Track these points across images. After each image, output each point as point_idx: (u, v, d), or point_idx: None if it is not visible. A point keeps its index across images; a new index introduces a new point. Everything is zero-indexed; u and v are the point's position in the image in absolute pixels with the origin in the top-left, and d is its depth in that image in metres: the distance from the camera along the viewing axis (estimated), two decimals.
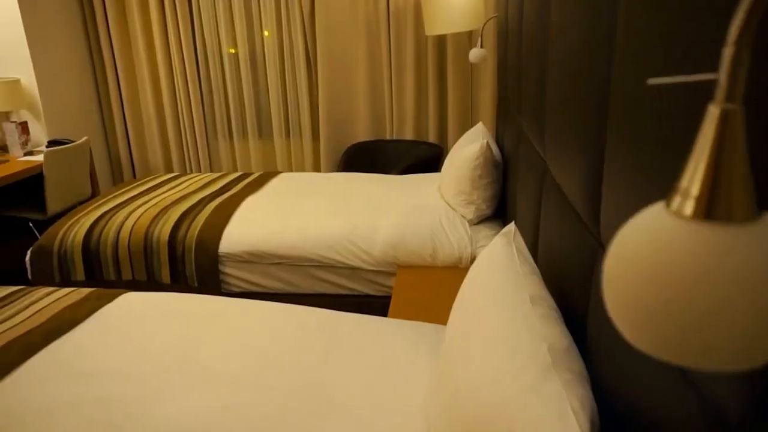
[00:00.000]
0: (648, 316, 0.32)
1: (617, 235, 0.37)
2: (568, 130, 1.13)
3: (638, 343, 0.34)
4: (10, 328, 1.60)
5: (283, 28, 3.77)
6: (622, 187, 0.79)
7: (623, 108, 0.79)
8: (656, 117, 0.67)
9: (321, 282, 2.32)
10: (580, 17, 1.05)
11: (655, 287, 0.32)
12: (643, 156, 0.71)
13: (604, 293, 0.36)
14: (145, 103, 4.08)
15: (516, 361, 0.84)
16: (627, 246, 0.34)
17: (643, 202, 0.71)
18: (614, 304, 0.35)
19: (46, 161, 2.96)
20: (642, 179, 0.71)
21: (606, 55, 0.88)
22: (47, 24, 3.63)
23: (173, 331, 1.58)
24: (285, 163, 4.05)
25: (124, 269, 2.43)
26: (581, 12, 1.04)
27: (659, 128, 0.66)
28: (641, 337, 0.34)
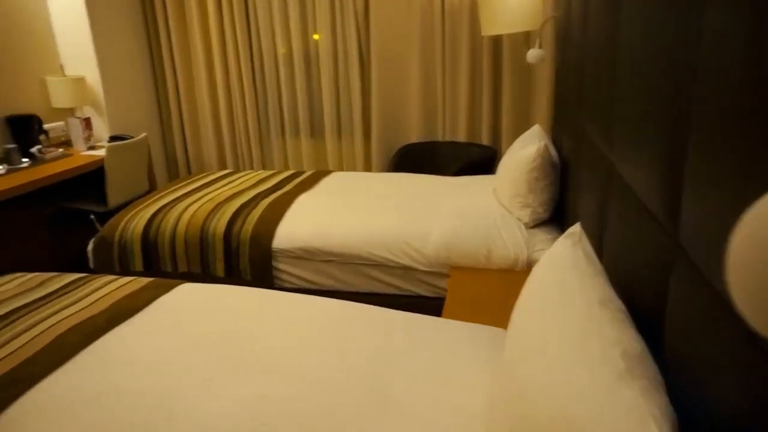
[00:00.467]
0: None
1: (745, 219, 0.33)
2: (643, 129, 1.08)
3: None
4: (74, 314, 1.65)
5: (337, 27, 3.80)
6: (708, 186, 0.74)
7: (710, 106, 0.74)
8: (748, 112, 0.63)
9: (372, 281, 2.31)
10: (660, 16, 1.00)
11: None
12: (734, 153, 0.66)
13: (729, 279, 0.33)
14: (201, 101, 4.18)
15: (587, 365, 0.81)
16: (762, 230, 0.31)
17: (736, 200, 0.67)
18: (743, 289, 0.32)
19: (107, 156, 3.06)
20: (733, 177, 0.67)
21: (690, 55, 0.83)
22: (111, 25, 3.77)
23: (228, 322, 1.60)
24: (336, 162, 4.07)
25: (180, 261, 2.48)
26: (661, 11, 0.99)
27: (752, 125, 0.61)
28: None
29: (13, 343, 1.48)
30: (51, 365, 1.39)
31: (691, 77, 0.83)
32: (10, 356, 1.42)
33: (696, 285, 0.78)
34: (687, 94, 0.85)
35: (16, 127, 3.23)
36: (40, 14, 3.52)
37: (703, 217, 0.76)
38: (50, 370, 1.37)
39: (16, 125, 3.23)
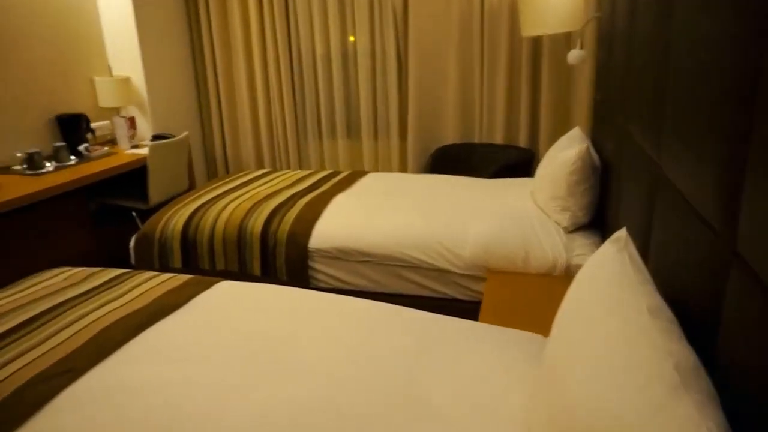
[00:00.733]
0: None
1: None
2: (698, 133, 1.04)
3: None
4: (117, 308, 1.68)
5: (375, 28, 3.80)
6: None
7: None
8: None
9: (407, 283, 2.30)
10: (721, 13, 0.96)
11: None
12: None
13: None
14: (240, 101, 4.24)
15: (638, 377, 0.78)
16: None
17: None
18: None
19: (150, 154, 3.13)
20: None
21: (755, 55, 0.80)
22: (156, 27, 3.86)
23: (265, 322, 1.61)
24: (372, 163, 4.08)
25: (218, 259, 2.52)
26: (721, 7, 0.96)
27: None
28: None
29: (59, 335, 1.52)
30: (95, 358, 1.42)
31: (754, 78, 0.80)
32: (56, 348, 1.46)
33: (755, 295, 0.74)
34: (750, 96, 0.81)
35: (66, 125, 3.34)
36: (91, 18, 3.62)
37: (765, 223, 0.72)
38: (94, 362, 1.41)
39: (66, 124, 3.34)
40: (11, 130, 3.11)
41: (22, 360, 1.41)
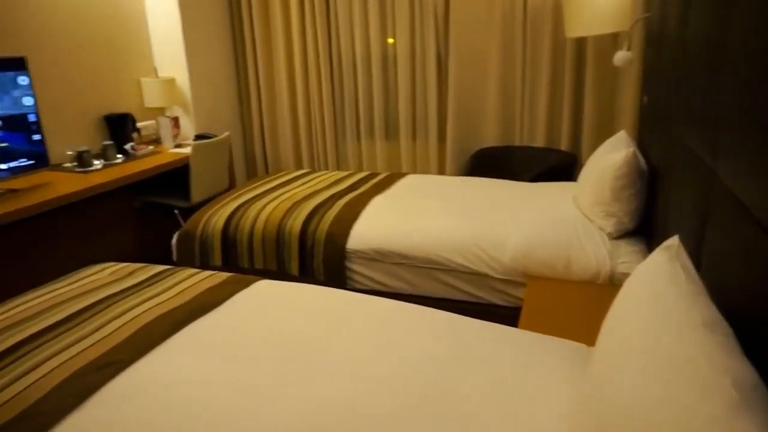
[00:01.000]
0: None
1: None
2: (761, 139, 0.99)
3: None
4: (159, 304, 1.71)
5: (415, 29, 3.79)
6: None
7: None
8: None
9: (445, 286, 2.28)
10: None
11: None
12: None
13: None
14: (280, 102, 4.29)
15: (693, 392, 0.74)
16: None
17: None
18: None
19: (192, 153, 3.19)
20: None
21: None
22: (201, 30, 3.93)
23: (302, 321, 1.62)
24: (410, 164, 4.06)
25: (257, 258, 2.54)
26: None
27: None
28: None
29: (104, 329, 1.56)
30: (137, 352, 1.45)
31: None
32: (100, 342, 1.49)
33: None
34: None
35: (113, 125, 3.44)
36: (139, 22, 3.72)
37: None
38: (137, 357, 1.43)
39: (113, 123, 3.43)
40: (63, 129, 3.22)
41: (68, 352, 1.45)
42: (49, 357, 1.43)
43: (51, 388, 1.30)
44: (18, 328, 1.57)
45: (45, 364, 1.40)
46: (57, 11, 3.16)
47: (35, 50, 3.04)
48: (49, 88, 3.12)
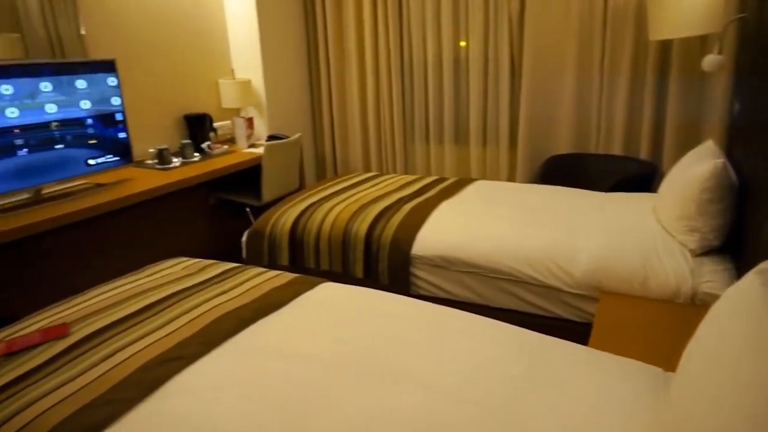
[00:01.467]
0: None
1: None
2: None
3: None
4: (227, 301, 1.75)
5: (489, 32, 3.71)
6: None
7: None
8: None
9: (512, 297, 2.21)
10: None
11: None
12: None
13: None
14: (351, 105, 4.33)
15: None
16: None
17: None
18: None
19: (265, 153, 3.27)
20: None
21: None
22: (277, 34, 4.03)
23: (366, 325, 1.61)
24: (479, 170, 3.99)
25: (323, 259, 2.57)
26: None
27: None
28: None
29: (174, 323, 1.61)
30: (204, 348, 1.48)
31: None
32: (170, 335, 1.54)
33: None
34: None
35: (192, 124, 3.58)
36: (219, 25, 3.86)
37: None
38: (203, 352, 1.47)
39: (192, 123, 3.58)
40: (146, 128, 3.38)
41: (140, 343, 1.51)
42: (122, 347, 1.49)
43: (122, 378, 1.35)
44: (96, 317, 1.65)
45: (118, 353, 1.46)
46: (145, 16, 3.33)
47: (124, 53, 3.21)
48: (135, 89, 3.28)
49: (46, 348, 1.50)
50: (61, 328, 1.59)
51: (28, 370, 1.40)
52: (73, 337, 1.54)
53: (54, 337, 1.54)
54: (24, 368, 1.41)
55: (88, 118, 2.69)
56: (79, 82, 2.63)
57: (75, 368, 1.40)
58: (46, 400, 1.28)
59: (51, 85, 2.51)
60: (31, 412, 1.23)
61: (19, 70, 2.40)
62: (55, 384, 1.34)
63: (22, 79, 2.40)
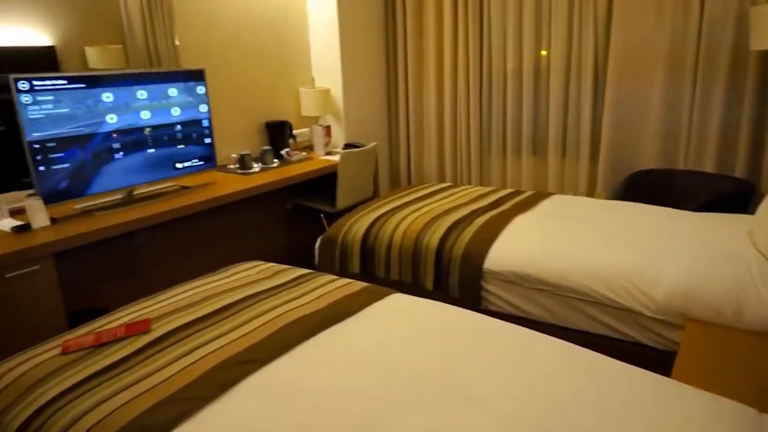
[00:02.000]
0: None
1: None
2: None
3: None
4: (298, 307, 1.79)
5: (572, 41, 3.60)
6: None
7: None
8: None
9: (587, 318, 2.11)
10: None
11: None
12: None
13: None
14: (428, 114, 4.32)
15: None
16: None
17: None
18: None
19: (341, 161, 3.32)
20: None
21: None
22: (357, 44, 4.10)
23: (436, 340, 1.59)
24: (557, 184, 3.87)
25: (393, 269, 2.57)
26: None
27: None
28: None
29: (247, 325, 1.66)
30: (275, 353, 1.52)
31: None
32: (243, 337, 1.59)
33: None
34: None
35: (272, 131, 3.70)
36: (302, 36, 3.99)
37: None
38: (274, 357, 1.50)
39: (273, 130, 3.70)
40: (230, 134, 3.53)
41: (215, 343, 1.56)
42: (199, 346, 1.55)
43: (197, 376, 1.40)
44: (176, 315, 1.73)
45: (194, 352, 1.52)
46: (233, 28, 3.48)
47: (212, 62, 3.37)
48: (221, 97, 3.44)
49: (130, 342, 1.58)
50: (144, 324, 1.67)
51: (112, 362, 1.49)
52: (154, 333, 1.62)
53: (137, 332, 1.63)
54: (108, 360, 1.50)
55: (178, 124, 2.84)
56: (171, 90, 2.79)
57: (154, 363, 1.47)
58: (126, 392, 1.35)
59: (146, 93, 2.68)
60: (112, 404, 1.31)
61: (121, 79, 2.57)
62: (135, 378, 1.41)
63: (122, 88, 2.57)
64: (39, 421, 1.29)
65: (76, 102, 2.40)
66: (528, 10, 3.72)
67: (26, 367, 1.49)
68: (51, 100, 2.31)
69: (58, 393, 1.36)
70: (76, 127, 2.41)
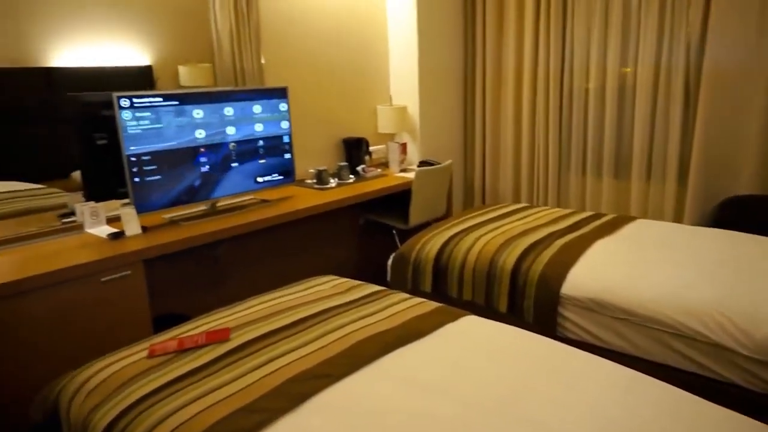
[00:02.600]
0: None
1: None
2: None
3: None
4: (371, 324, 1.79)
5: (661, 56, 3.44)
6: None
7: None
8: None
9: (674, 353, 1.99)
10: None
11: None
12: None
13: None
14: (505, 132, 4.26)
15: None
16: None
17: None
18: None
19: (416, 179, 3.33)
20: None
21: None
22: (435, 63, 4.12)
23: (509, 367, 1.55)
24: (640, 207, 3.69)
25: (466, 289, 2.53)
26: None
27: None
28: None
29: (321, 340, 1.68)
30: (348, 369, 1.53)
31: None
32: (317, 352, 1.61)
33: None
34: None
35: (349, 147, 3.77)
36: (382, 55, 4.06)
37: None
38: (347, 373, 1.51)
39: (350, 146, 3.77)
40: (308, 150, 3.63)
41: (291, 356, 1.59)
42: (275, 357, 1.58)
43: (273, 388, 1.43)
44: (254, 326, 1.78)
45: (270, 363, 1.56)
46: (315, 47, 3.59)
47: (293, 80, 3.48)
48: (301, 113, 3.54)
49: (210, 350, 1.64)
50: (224, 333, 1.73)
51: (193, 368, 1.55)
52: (233, 342, 1.68)
53: (217, 340, 1.69)
54: (190, 366, 1.56)
55: (260, 139, 2.95)
56: (256, 107, 2.90)
57: (232, 372, 1.52)
58: (206, 398, 1.40)
59: (233, 110, 2.80)
60: (193, 409, 1.36)
61: (210, 97, 2.70)
62: (214, 385, 1.46)
63: (212, 105, 2.71)
64: (125, 421, 1.36)
65: (170, 118, 2.55)
66: (614, 27, 3.60)
67: (116, 367, 1.58)
68: (148, 117, 2.46)
69: (143, 395, 1.43)
70: (169, 142, 2.55)
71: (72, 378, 1.60)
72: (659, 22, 3.42)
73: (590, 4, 3.69)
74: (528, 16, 3.94)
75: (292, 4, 3.43)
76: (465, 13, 4.31)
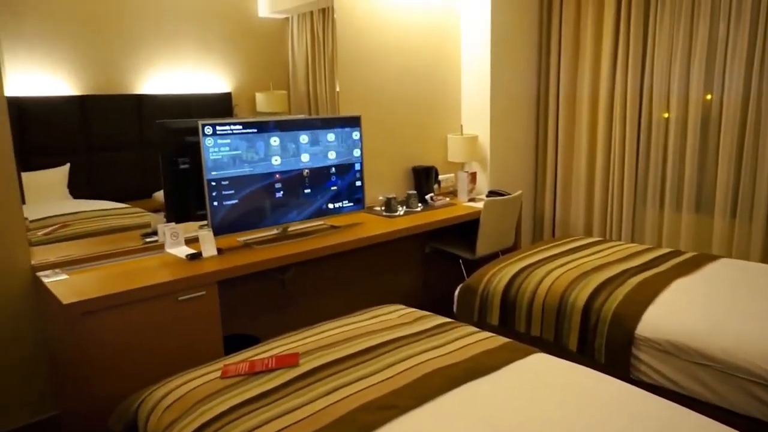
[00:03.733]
0: None
1: None
2: None
3: None
4: (438, 357, 1.78)
5: (751, 85, 3.27)
6: None
7: None
8: None
9: (759, 403, 1.85)
10: None
11: None
12: None
13: None
14: (578, 164, 4.16)
15: None
16: None
17: None
18: None
19: (484, 209, 3.30)
20: None
21: None
22: (507, 95, 4.10)
23: (579, 408, 1.49)
24: (723, 246, 3.49)
25: (534, 325, 2.47)
26: None
27: None
28: None
29: (388, 370, 1.69)
30: (414, 401, 1.52)
31: None
32: (383, 383, 1.62)
33: None
34: None
35: (418, 175, 3.80)
36: (454, 84, 4.09)
37: None
38: (413, 405, 1.51)
39: (419, 174, 3.80)
40: (378, 177, 3.68)
41: (358, 385, 1.61)
42: (342, 386, 1.60)
43: (340, 416, 1.45)
44: (322, 353, 1.81)
45: (337, 391, 1.58)
46: (389, 76, 3.67)
47: (366, 108, 3.56)
48: (372, 141, 3.61)
49: (280, 374, 1.68)
50: (293, 358, 1.77)
51: (263, 391, 1.59)
52: (302, 367, 1.71)
53: (286, 365, 1.73)
54: (260, 389, 1.60)
55: (333, 166, 3.02)
56: (330, 135, 2.99)
57: (301, 398, 1.55)
58: (276, 422, 1.43)
59: (308, 138, 2.89)
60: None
61: (287, 125, 2.81)
62: (283, 409, 1.49)
63: (288, 133, 2.81)
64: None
65: (248, 145, 2.66)
66: (699, 55, 3.46)
67: (192, 385, 1.64)
68: (228, 143, 2.59)
69: (217, 414, 1.48)
70: (246, 168, 2.67)
71: (151, 393, 1.68)
72: (749, 50, 3.26)
73: (672, 28, 3.58)
74: (606, 44, 3.87)
75: (369, 34, 3.53)
76: (540, 41, 4.28)
